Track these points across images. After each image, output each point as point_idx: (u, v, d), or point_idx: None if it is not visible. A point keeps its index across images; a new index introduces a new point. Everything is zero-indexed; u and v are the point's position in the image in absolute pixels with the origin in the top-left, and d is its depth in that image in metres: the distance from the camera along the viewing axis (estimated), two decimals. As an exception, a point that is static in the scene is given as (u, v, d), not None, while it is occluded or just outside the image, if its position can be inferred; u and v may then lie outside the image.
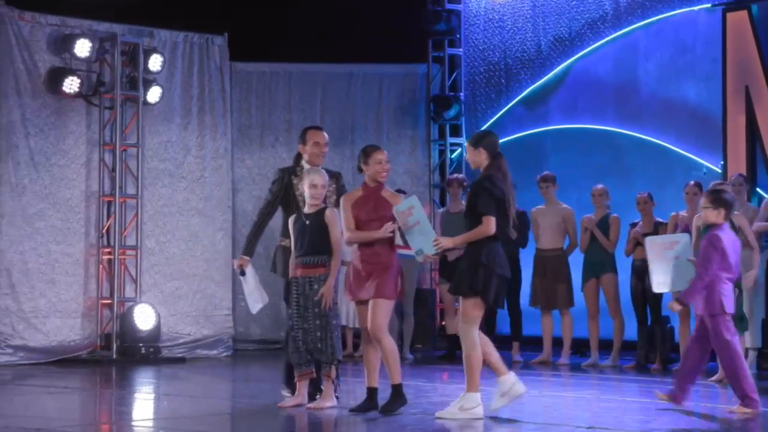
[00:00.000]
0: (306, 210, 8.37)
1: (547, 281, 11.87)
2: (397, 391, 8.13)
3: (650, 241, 8.89)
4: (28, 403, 9.20)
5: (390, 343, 8.12)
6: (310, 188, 8.29)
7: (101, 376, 11.10)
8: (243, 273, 8.63)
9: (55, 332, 11.90)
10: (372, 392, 8.18)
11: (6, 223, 11.68)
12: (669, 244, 8.66)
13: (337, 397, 8.37)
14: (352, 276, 8.17)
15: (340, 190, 8.68)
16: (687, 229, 10.87)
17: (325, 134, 8.75)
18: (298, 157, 8.78)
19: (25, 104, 11.87)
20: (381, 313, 8.05)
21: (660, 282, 8.64)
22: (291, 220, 8.41)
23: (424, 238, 7.97)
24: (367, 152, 8.24)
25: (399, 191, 12.84)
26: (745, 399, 8.18)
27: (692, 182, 11.21)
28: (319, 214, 8.30)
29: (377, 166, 8.17)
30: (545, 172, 12.07)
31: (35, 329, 11.77)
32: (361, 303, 8.17)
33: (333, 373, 8.32)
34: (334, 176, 8.74)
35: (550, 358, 11.87)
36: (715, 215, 8.25)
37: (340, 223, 8.24)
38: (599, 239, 11.62)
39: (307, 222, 8.30)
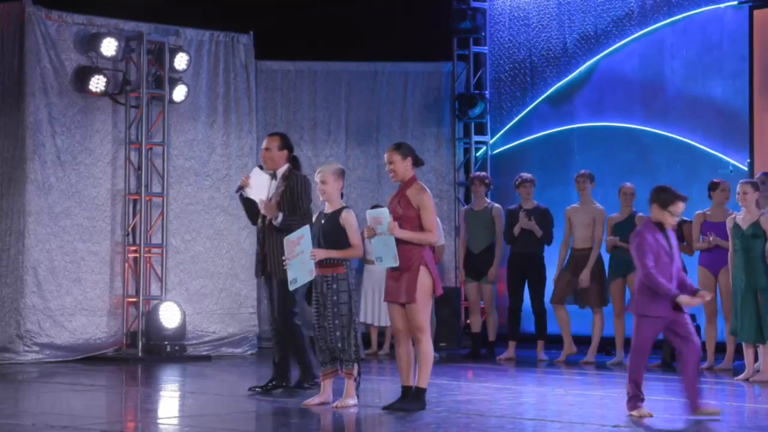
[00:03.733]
0: (325, 209, 8.42)
1: (576, 279, 11.82)
2: (419, 395, 8.12)
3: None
4: (54, 400, 9.25)
5: (428, 346, 8.12)
6: (317, 184, 8.45)
7: (127, 374, 11.16)
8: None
9: (81, 330, 11.96)
10: (407, 391, 8.16)
11: (33, 221, 11.75)
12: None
13: (357, 396, 8.38)
14: (387, 277, 8.20)
15: (293, 190, 8.98)
16: (708, 228, 10.87)
17: (273, 138, 9.19)
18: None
19: (52, 103, 11.94)
20: (417, 314, 8.04)
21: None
22: (313, 219, 8.53)
23: (302, 266, 8.21)
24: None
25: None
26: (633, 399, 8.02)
27: (717, 180, 11.15)
28: (335, 215, 8.35)
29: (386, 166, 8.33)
30: (584, 170, 12.00)
31: (61, 327, 11.84)
32: (392, 303, 8.17)
33: (354, 371, 8.34)
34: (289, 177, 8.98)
35: (574, 349, 11.80)
36: (655, 212, 8.06)
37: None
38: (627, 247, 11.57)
39: (323, 221, 8.36)
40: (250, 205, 9.14)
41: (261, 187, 9.05)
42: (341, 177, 8.40)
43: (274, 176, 9.11)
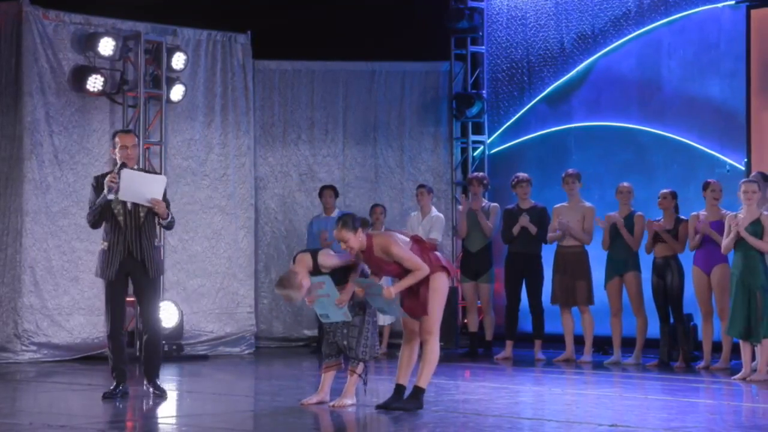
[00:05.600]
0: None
1: (567, 278, 11.86)
2: (417, 394, 8.14)
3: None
4: (52, 399, 9.26)
5: (436, 347, 8.15)
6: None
7: (125, 373, 11.14)
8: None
9: (79, 329, 11.97)
10: (400, 389, 8.19)
11: (30, 220, 11.75)
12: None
13: (356, 395, 8.40)
14: (403, 296, 8.18)
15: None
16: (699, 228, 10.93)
17: (134, 137, 9.04)
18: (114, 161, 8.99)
19: (49, 102, 11.94)
20: (430, 321, 8.12)
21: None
22: (308, 261, 8.36)
23: (333, 308, 8.22)
24: None
25: (422, 186, 12.93)
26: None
27: (712, 180, 11.17)
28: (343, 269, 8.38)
29: None
30: (571, 169, 12.06)
31: (59, 326, 11.84)
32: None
33: (359, 370, 8.35)
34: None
35: (572, 356, 11.87)
36: None
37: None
38: (625, 237, 11.60)
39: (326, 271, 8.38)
40: (107, 208, 8.78)
41: (142, 185, 8.71)
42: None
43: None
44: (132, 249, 8.77)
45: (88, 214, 8.94)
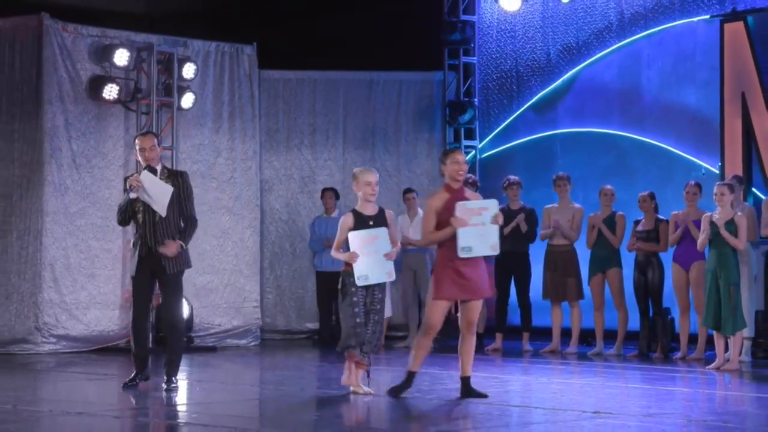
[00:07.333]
0: (365, 212, 8.22)
1: (557, 275, 11.86)
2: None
3: (461, 206, 8.01)
4: (70, 388, 9.26)
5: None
6: (366, 186, 8.19)
7: (138, 364, 11.14)
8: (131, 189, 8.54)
9: (95, 323, 11.97)
10: (468, 380, 8.15)
11: (50, 221, 11.75)
12: (478, 210, 7.99)
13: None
14: (461, 275, 8.01)
15: (188, 188, 8.71)
16: (682, 225, 10.96)
17: (152, 137, 8.81)
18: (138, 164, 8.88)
19: (68, 110, 11.94)
20: (477, 311, 8.18)
21: (463, 247, 7.93)
22: (350, 221, 8.19)
23: (377, 266, 7.97)
24: (446, 153, 8.21)
25: (409, 191, 12.89)
26: None
27: (692, 182, 11.27)
28: (381, 215, 8.25)
29: (455, 165, 8.02)
30: (562, 173, 12.06)
31: (77, 320, 11.84)
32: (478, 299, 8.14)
33: (367, 363, 8.32)
34: (174, 175, 8.78)
35: (558, 348, 11.87)
36: None
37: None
38: (606, 236, 11.62)
39: (372, 223, 8.17)
40: (130, 207, 8.64)
41: (154, 188, 8.57)
42: None
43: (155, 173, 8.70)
44: (150, 245, 8.62)
45: (117, 212, 8.83)
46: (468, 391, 8.14)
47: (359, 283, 8.07)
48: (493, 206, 7.95)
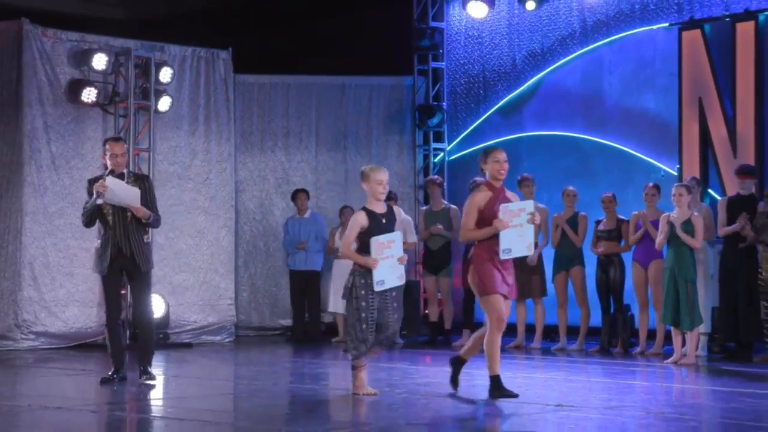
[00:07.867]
0: (376, 209, 8.02)
1: (522, 273, 11.93)
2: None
3: (504, 208, 7.86)
4: (49, 383, 9.26)
5: None
6: (378, 185, 8.00)
7: (116, 360, 11.14)
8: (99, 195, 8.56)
9: (74, 320, 11.98)
10: (498, 378, 7.93)
11: (29, 220, 11.76)
12: (517, 211, 7.85)
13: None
14: (494, 271, 7.84)
15: (153, 190, 8.81)
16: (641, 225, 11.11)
17: (123, 144, 8.86)
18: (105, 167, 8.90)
19: (47, 113, 11.95)
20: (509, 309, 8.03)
21: (504, 249, 7.82)
22: (364, 219, 7.96)
23: (391, 270, 7.84)
24: (486, 152, 7.97)
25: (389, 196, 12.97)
26: None
27: (651, 184, 11.41)
28: (391, 212, 8.09)
29: (496, 164, 7.85)
30: (525, 174, 12.13)
31: (55, 317, 11.86)
32: (505, 297, 7.92)
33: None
34: (140, 179, 8.86)
35: (523, 343, 11.97)
36: None
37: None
38: (569, 235, 11.73)
39: (384, 221, 8.00)
40: (96, 210, 8.71)
41: (123, 192, 8.61)
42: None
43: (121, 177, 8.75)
44: (121, 245, 8.71)
45: (82, 214, 8.93)
46: (500, 390, 7.89)
47: (377, 288, 7.87)
48: (529, 207, 7.87)
